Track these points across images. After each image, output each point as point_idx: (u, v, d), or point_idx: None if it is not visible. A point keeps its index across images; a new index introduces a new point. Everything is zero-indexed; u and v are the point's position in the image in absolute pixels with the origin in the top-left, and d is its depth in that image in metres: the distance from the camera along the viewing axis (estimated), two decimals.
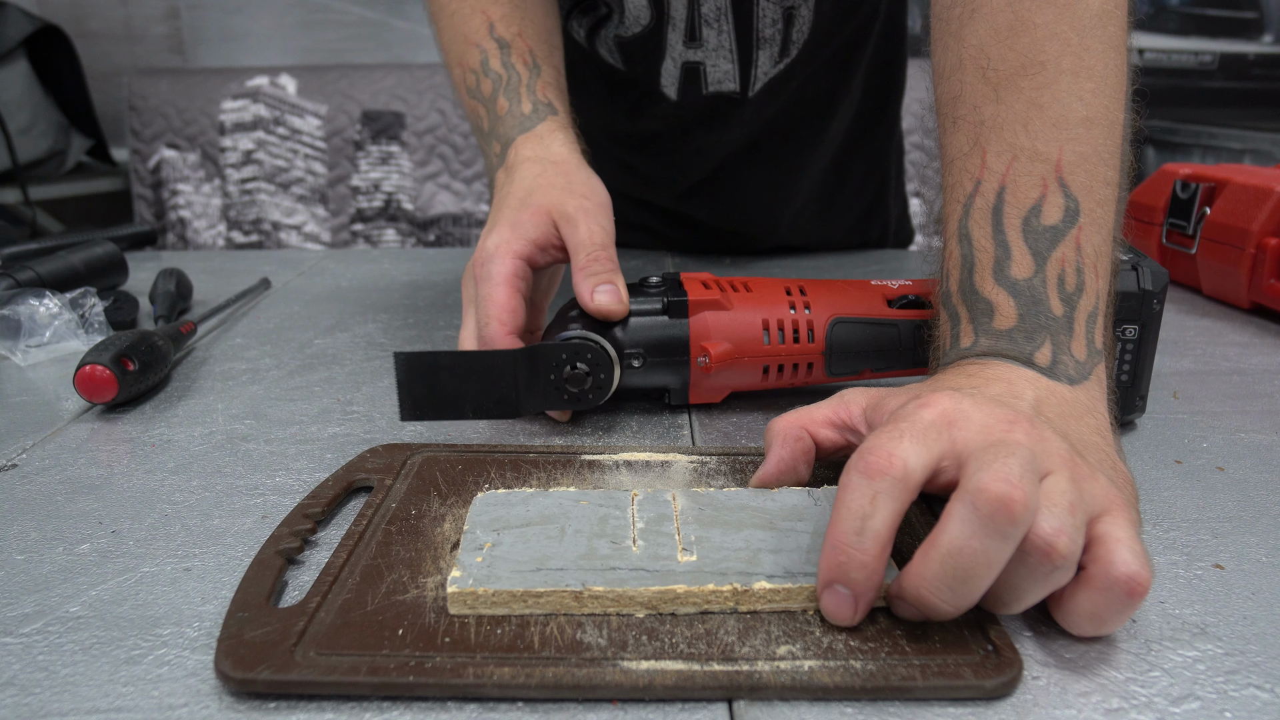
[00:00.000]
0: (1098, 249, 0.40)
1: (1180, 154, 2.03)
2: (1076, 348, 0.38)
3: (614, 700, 0.28)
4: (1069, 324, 0.38)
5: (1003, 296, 0.39)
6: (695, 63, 0.77)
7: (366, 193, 1.92)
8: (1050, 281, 0.39)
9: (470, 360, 0.44)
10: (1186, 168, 0.77)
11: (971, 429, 0.32)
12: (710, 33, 0.75)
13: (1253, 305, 0.71)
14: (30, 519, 0.39)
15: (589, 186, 0.54)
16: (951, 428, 0.32)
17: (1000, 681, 0.28)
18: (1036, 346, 0.38)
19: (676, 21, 0.75)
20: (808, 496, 0.37)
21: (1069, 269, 0.39)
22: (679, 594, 0.31)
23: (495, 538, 0.34)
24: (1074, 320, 0.39)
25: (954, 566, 0.29)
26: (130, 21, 2.16)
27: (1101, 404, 0.38)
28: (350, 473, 0.41)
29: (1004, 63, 0.42)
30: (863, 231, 0.95)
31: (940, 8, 0.46)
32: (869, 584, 0.30)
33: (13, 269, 0.68)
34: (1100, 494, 0.31)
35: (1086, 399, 0.37)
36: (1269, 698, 0.28)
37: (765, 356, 0.49)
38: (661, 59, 0.77)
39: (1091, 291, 0.39)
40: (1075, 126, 0.40)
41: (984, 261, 0.40)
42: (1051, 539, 0.29)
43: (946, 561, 0.29)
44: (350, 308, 0.73)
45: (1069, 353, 0.38)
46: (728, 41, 0.75)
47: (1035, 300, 0.39)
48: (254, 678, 0.28)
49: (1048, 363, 0.38)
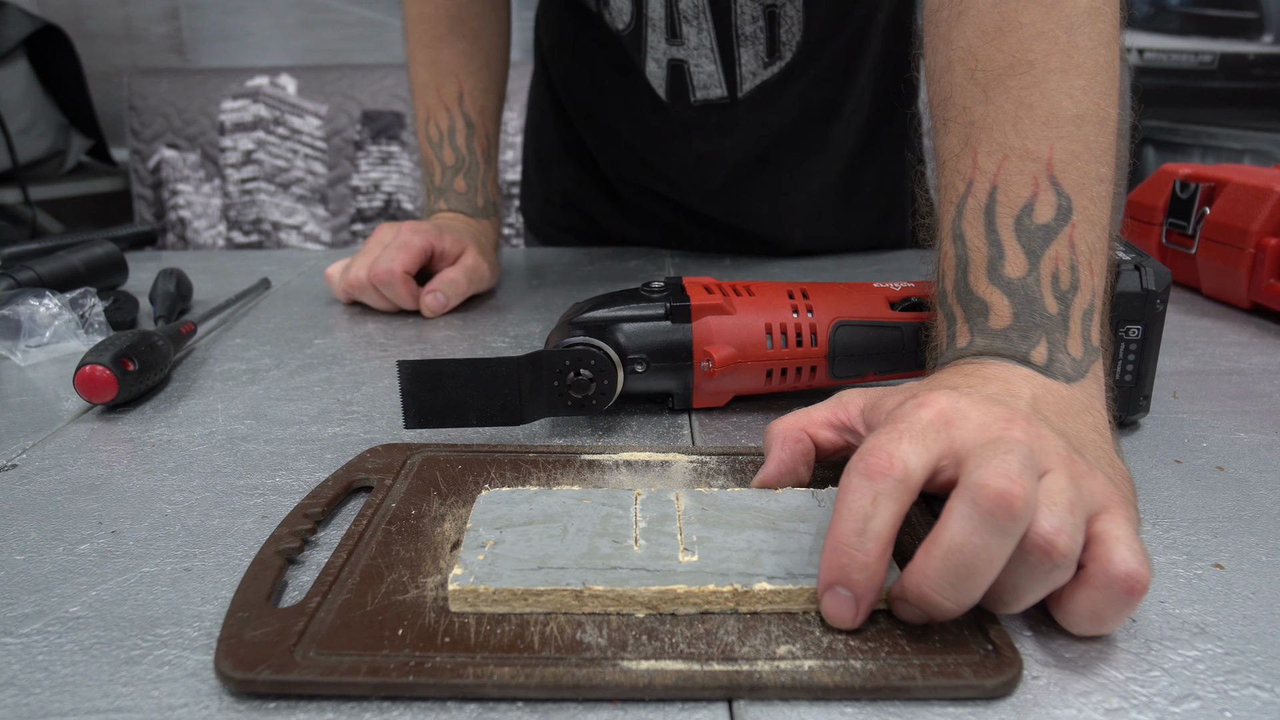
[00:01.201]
0: (1092, 246, 0.40)
1: (1180, 154, 2.03)
2: (1073, 345, 0.39)
3: (614, 700, 0.28)
4: (1064, 322, 0.39)
5: (997, 296, 0.40)
6: (679, 60, 0.79)
7: (366, 193, 1.92)
8: (1044, 280, 0.39)
9: (474, 367, 0.44)
10: (1186, 168, 0.77)
11: (969, 428, 0.32)
12: (690, 30, 0.77)
13: (1252, 305, 0.71)
14: (30, 519, 0.39)
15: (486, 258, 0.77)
16: (949, 427, 0.32)
17: (1000, 681, 0.28)
18: (1032, 345, 0.38)
19: (656, 21, 0.77)
20: (811, 498, 0.37)
21: (1063, 267, 0.39)
22: (679, 594, 0.31)
23: (498, 536, 0.34)
24: (1069, 318, 0.39)
25: (956, 563, 0.29)
26: (130, 21, 2.17)
27: (1099, 401, 0.38)
28: (350, 473, 0.41)
29: (992, 63, 0.42)
30: (880, 233, 0.95)
31: (930, 10, 0.46)
32: (870, 585, 0.30)
33: (13, 269, 0.68)
34: (1099, 492, 0.31)
35: (1084, 396, 0.38)
36: (1269, 697, 0.28)
37: (768, 360, 0.49)
38: (644, 60, 0.80)
39: (1087, 289, 0.39)
40: (1065, 124, 0.40)
41: (978, 261, 0.40)
42: (1051, 538, 0.29)
43: (949, 558, 0.29)
44: (350, 308, 0.73)
45: (1065, 350, 0.38)
46: (708, 40, 0.77)
47: (1029, 299, 0.39)
48: (254, 678, 0.28)
49: (1044, 361, 0.38)
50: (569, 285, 0.81)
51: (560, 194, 0.99)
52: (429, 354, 0.62)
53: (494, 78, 0.83)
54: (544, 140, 0.99)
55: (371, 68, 1.97)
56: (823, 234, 0.92)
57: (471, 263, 0.73)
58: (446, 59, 0.79)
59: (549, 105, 0.96)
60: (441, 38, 0.79)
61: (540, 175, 1.01)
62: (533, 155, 1.02)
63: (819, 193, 0.89)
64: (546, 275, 0.85)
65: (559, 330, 0.49)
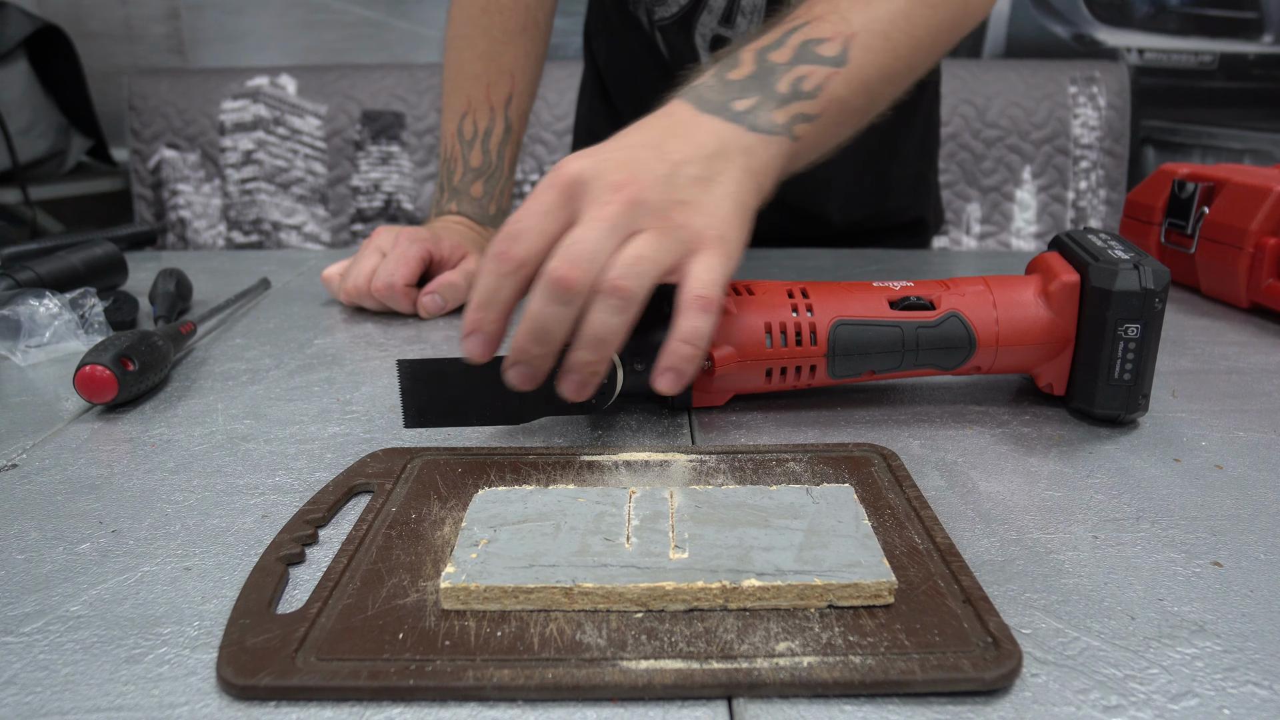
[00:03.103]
0: (842, 97, 0.50)
1: (1180, 154, 2.03)
2: (779, 115, 0.47)
3: (614, 700, 0.28)
4: (785, 101, 0.48)
5: (750, 62, 0.49)
6: (723, 38, 0.82)
7: (366, 193, 1.92)
8: (790, 76, 0.49)
9: (474, 367, 0.44)
10: (1185, 167, 0.77)
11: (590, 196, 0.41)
12: (743, 21, 0.79)
13: (1251, 305, 0.71)
14: (30, 519, 0.39)
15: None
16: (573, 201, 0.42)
17: (1000, 674, 0.28)
18: (741, 97, 0.47)
19: (715, 7, 0.79)
20: (806, 495, 0.37)
21: (812, 80, 0.49)
22: (668, 591, 0.31)
23: (492, 534, 0.34)
24: (791, 102, 0.48)
25: (534, 327, 0.40)
26: (130, 21, 2.16)
27: (776, 160, 0.47)
28: (351, 477, 0.41)
29: None
30: (915, 209, 0.98)
31: None
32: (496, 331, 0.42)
33: (13, 269, 0.68)
34: (689, 236, 0.41)
35: (758, 144, 0.46)
36: (1267, 694, 0.29)
37: (768, 360, 0.49)
38: (693, 36, 0.82)
39: (819, 105, 0.49)
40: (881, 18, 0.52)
41: (758, 43, 0.51)
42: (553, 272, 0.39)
43: (530, 324, 0.40)
44: (350, 308, 0.73)
45: (768, 112, 0.47)
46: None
47: (769, 73, 0.49)
48: (256, 684, 0.28)
49: (743, 110, 0.46)
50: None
51: None
52: (428, 354, 0.62)
53: (537, 82, 0.82)
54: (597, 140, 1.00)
55: (371, 68, 1.97)
56: (861, 207, 0.95)
57: (472, 267, 0.73)
58: (510, 56, 0.77)
59: (602, 107, 0.97)
60: (512, 34, 0.77)
61: None
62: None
63: (854, 164, 0.90)
64: None
65: None
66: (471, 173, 0.78)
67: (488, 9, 0.76)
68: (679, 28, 0.81)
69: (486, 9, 0.77)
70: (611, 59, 0.93)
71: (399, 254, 0.69)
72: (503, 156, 0.78)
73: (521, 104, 0.79)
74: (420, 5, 2.18)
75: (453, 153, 0.78)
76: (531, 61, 0.79)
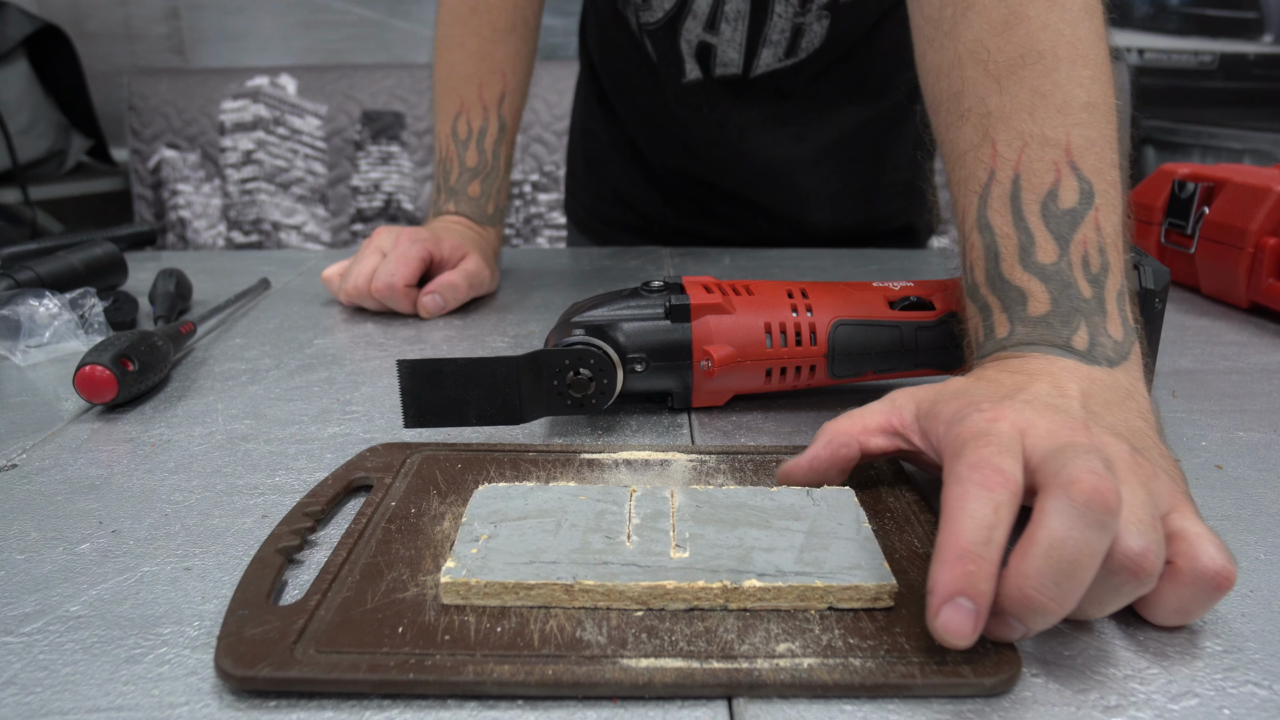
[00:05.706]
0: (1115, 229, 0.40)
1: (1180, 154, 2.03)
2: (1112, 328, 0.39)
3: (613, 698, 0.28)
4: (1100, 304, 0.39)
5: (1033, 283, 0.40)
6: (709, 44, 0.81)
7: (366, 193, 1.92)
8: (1075, 264, 0.39)
9: (473, 367, 0.44)
10: (1185, 167, 0.77)
11: (1039, 434, 0.32)
12: (726, 28, 0.79)
13: (1251, 305, 0.71)
14: (30, 519, 0.39)
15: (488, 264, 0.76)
16: (1024, 436, 0.32)
17: (999, 679, 0.28)
18: (1073, 330, 0.38)
19: (699, 13, 0.79)
20: (806, 496, 0.37)
21: (1091, 250, 0.39)
22: (669, 590, 0.31)
23: (492, 530, 0.34)
24: (1104, 300, 0.39)
25: (1058, 559, 0.28)
26: (130, 21, 2.16)
27: (1140, 384, 0.38)
28: (350, 471, 0.41)
29: (1003, 54, 0.43)
30: (905, 216, 0.98)
31: (931, 9, 0.47)
32: (991, 596, 0.28)
33: (13, 269, 0.68)
34: (1164, 492, 0.32)
35: (1127, 380, 0.38)
36: (1267, 694, 0.29)
37: (768, 360, 0.49)
38: (678, 39, 0.82)
39: (1116, 271, 0.40)
40: (1079, 111, 0.41)
41: (1009, 249, 0.41)
42: (1139, 559, 0.29)
43: (1050, 554, 0.28)
44: (349, 308, 0.73)
45: (1105, 334, 0.38)
46: (739, 38, 0.80)
47: (1065, 284, 0.39)
48: (254, 675, 0.28)
49: (1085, 346, 0.38)
50: (569, 285, 0.81)
51: (612, 191, 1.01)
52: (428, 353, 0.62)
53: (529, 79, 0.82)
54: (593, 140, 1.01)
55: (371, 68, 1.97)
56: (849, 214, 0.95)
57: (473, 268, 0.73)
58: (500, 55, 0.77)
59: (597, 106, 0.98)
60: (502, 32, 0.76)
61: (591, 174, 1.02)
62: (581, 156, 1.03)
63: (842, 171, 0.91)
64: (546, 275, 0.85)
65: (558, 330, 0.49)
66: (468, 173, 0.78)
67: (476, 9, 0.76)
68: (664, 33, 0.81)
69: (475, 9, 0.76)
70: (605, 58, 0.94)
71: (399, 254, 0.69)
72: (498, 155, 0.78)
73: (514, 102, 0.79)
74: (420, 5, 2.18)
75: (448, 153, 0.78)
76: (522, 60, 0.79)
